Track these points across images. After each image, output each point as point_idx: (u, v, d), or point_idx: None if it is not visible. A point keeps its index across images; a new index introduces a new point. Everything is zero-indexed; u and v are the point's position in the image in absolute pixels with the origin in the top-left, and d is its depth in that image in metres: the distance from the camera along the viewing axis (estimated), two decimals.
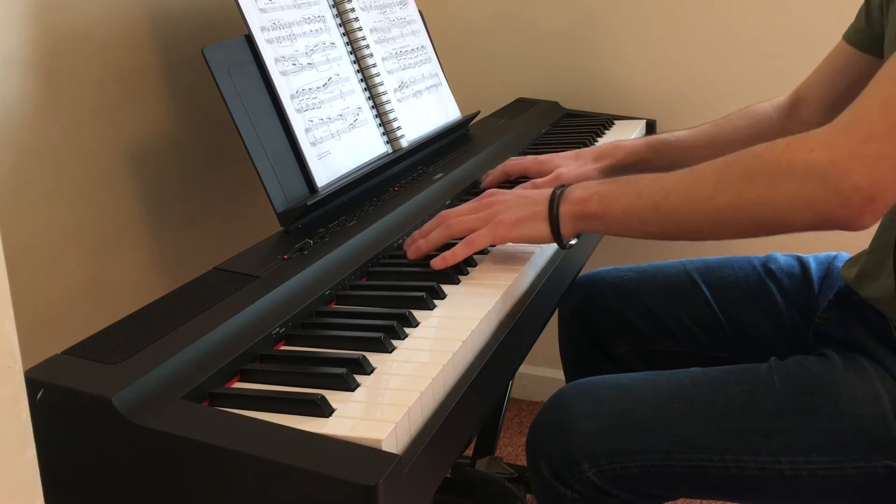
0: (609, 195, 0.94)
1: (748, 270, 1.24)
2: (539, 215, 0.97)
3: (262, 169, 1.07)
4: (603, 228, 0.97)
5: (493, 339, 0.88)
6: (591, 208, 0.94)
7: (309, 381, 0.75)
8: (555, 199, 0.96)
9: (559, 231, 0.96)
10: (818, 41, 1.30)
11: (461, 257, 0.98)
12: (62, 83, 1.11)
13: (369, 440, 0.65)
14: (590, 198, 0.95)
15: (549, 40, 1.87)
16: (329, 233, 1.04)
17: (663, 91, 1.81)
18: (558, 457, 0.98)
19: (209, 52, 1.06)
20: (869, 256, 1.02)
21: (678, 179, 0.90)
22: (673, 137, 1.27)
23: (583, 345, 1.33)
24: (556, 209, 0.96)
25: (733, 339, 1.22)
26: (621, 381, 1.02)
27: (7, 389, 0.48)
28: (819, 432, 0.92)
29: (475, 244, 0.98)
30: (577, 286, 1.31)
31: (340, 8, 1.30)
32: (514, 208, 0.98)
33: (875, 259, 1.00)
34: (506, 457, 1.93)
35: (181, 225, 1.33)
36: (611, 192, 0.94)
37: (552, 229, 0.96)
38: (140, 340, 0.76)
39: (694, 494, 1.03)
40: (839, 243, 1.18)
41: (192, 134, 1.34)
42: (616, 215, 0.93)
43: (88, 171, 1.16)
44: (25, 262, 1.07)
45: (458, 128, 1.51)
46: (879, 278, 0.99)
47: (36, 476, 0.51)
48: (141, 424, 0.66)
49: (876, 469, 0.91)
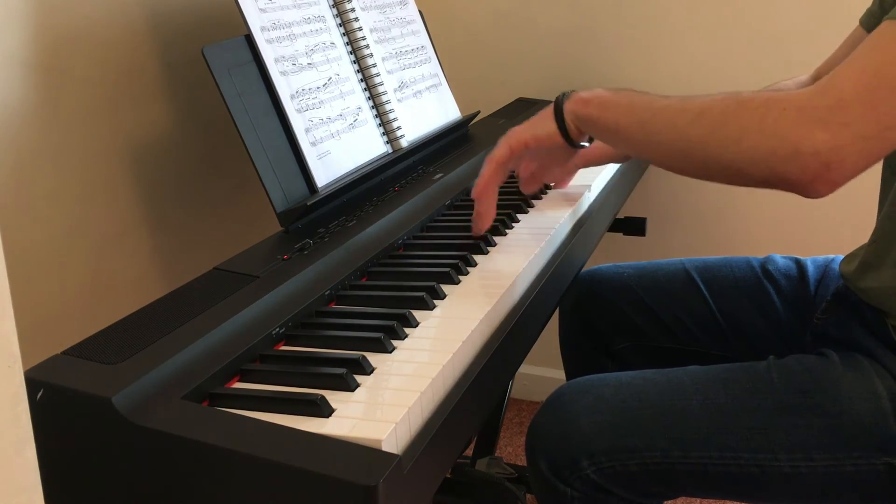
0: (607, 103, 0.97)
1: (746, 271, 1.24)
2: (547, 116, 1.03)
3: (262, 169, 1.07)
4: (596, 133, 1.01)
5: (494, 338, 0.88)
6: (589, 110, 0.99)
7: (309, 381, 0.75)
8: (561, 97, 1.02)
9: (565, 126, 1.01)
10: (819, 38, 1.30)
11: (487, 178, 1.06)
12: (62, 83, 1.11)
13: (369, 440, 0.65)
14: (590, 100, 0.99)
15: (549, 40, 1.87)
16: (329, 233, 1.04)
17: (663, 91, 1.80)
18: (558, 455, 0.98)
19: (209, 52, 1.06)
20: (870, 248, 1.02)
21: (668, 104, 0.92)
22: None
23: (583, 341, 1.33)
24: (560, 106, 1.02)
25: (731, 337, 1.22)
26: (621, 379, 1.02)
27: (7, 389, 0.48)
28: (818, 430, 0.93)
29: (495, 157, 1.06)
30: (578, 282, 1.31)
31: (340, 8, 1.30)
32: (529, 120, 1.07)
33: (877, 250, 1.00)
34: (506, 457, 1.93)
35: (181, 225, 1.33)
36: (610, 100, 0.97)
37: (558, 125, 1.02)
38: (140, 340, 0.76)
39: (693, 492, 1.03)
40: (838, 244, 1.18)
41: (192, 134, 1.34)
42: (607, 123, 0.97)
43: (88, 172, 1.16)
44: (25, 262, 1.07)
45: (458, 128, 1.52)
46: (882, 268, 0.99)
47: (36, 476, 0.51)
48: (141, 424, 0.66)
49: (875, 466, 0.91)
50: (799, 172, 0.80)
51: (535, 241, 1.07)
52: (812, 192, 0.81)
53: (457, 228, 1.14)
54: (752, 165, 0.83)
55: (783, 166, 0.81)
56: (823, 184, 0.80)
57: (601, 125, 0.97)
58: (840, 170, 0.79)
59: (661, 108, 0.91)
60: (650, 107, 0.93)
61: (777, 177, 0.82)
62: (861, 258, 1.03)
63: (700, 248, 1.43)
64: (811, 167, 0.79)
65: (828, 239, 1.19)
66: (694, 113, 0.88)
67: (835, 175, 0.79)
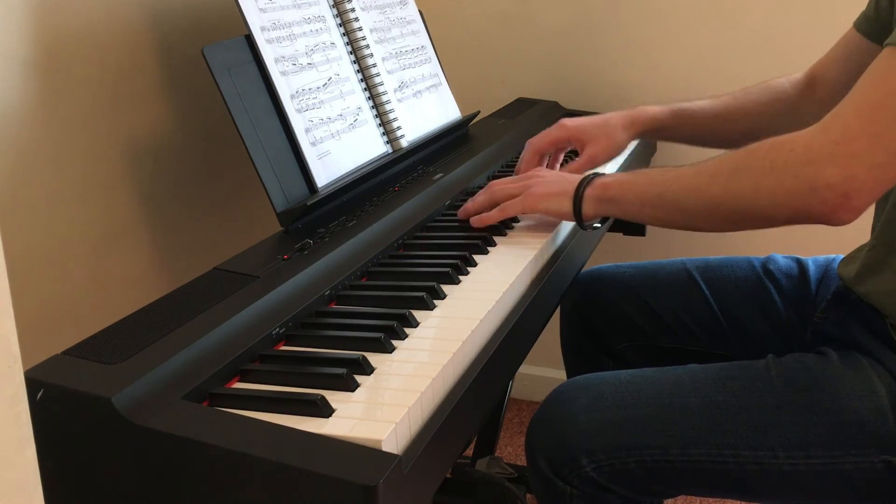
0: (626, 183, 1.02)
1: (747, 270, 1.24)
2: (566, 194, 1.06)
3: (262, 169, 1.07)
4: (618, 212, 1.05)
5: (494, 338, 0.88)
6: (610, 193, 1.03)
7: (309, 381, 0.75)
8: (584, 182, 1.05)
9: (581, 211, 1.05)
10: (818, 39, 1.30)
11: (495, 220, 1.10)
12: (62, 83, 1.11)
13: (369, 440, 0.65)
14: (611, 184, 1.03)
15: (549, 40, 1.87)
16: (329, 233, 1.04)
17: (663, 91, 1.81)
18: (557, 453, 0.98)
19: (209, 52, 1.06)
20: (871, 252, 1.02)
21: (684, 171, 0.97)
22: (696, 107, 1.29)
23: (583, 341, 1.33)
24: (582, 191, 1.05)
25: (731, 337, 1.22)
26: (620, 378, 1.02)
27: (7, 389, 0.48)
28: (817, 427, 0.93)
29: (507, 211, 1.09)
30: (579, 282, 1.32)
31: (340, 8, 1.30)
32: (549, 184, 1.09)
33: (877, 255, 1.01)
34: (506, 457, 1.93)
35: (181, 225, 1.33)
36: (629, 180, 1.03)
37: (574, 208, 1.05)
38: (140, 340, 0.76)
39: (693, 490, 1.04)
40: (839, 244, 1.18)
41: (191, 134, 1.34)
42: (629, 200, 1.01)
43: (88, 172, 1.16)
44: (25, 262, 1.07)
45: (458, 128, 1.51)
46: (883, 273, 0.99)
47: (36, 476, 0.51)
48: (141, 424, 0.66)
49: (874, 464, 0.91)
50: (819, 206, 0.84)
51: (536, 241, 1.07)
52: (837, 221, 0.85)
53: (457, 228, 1.14)
54: (775, 209, 0.88)
55: (803, 203, 0.85)
56: (846, 212, 0.84)
57: (624, 203, 1.02)
58: (859, 197, 0.83)
59: (676, 176, 0.97)
60: (665, 177, 0.98)
61: (800, 214, 0.86)
62: (861, 262, 1.03)
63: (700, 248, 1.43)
64: (829, 200, 0.83)
65: (828, 239, 1.18)
66: (708, 174, 0.93)
67: (855, 202, 0.83)
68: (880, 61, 0.85)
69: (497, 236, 1.10)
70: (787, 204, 0.86)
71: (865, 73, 0.86)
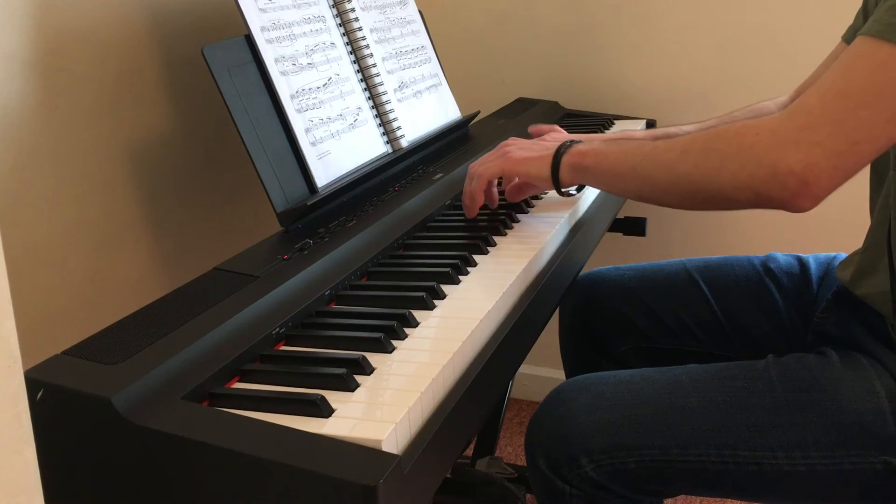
0: (602, 153, 1.04)
1: (748, 270, 1.24)
2: (545, 158, 1.07)
3: (262, 169, 1.07)
4: (592, 181, 1.07)
5: (494, 339, 0.88)
6: (586, 161, 1.04)
7: (309, 381, 0.75)
8: (562, 148, 1.07)
9: (558, 176, 1.06)
10: (818, 40, 1.30)
11: (479, 191, 1.12)
12: (62, 83, 1.11)
13: (369, 440, 0.65)
14: (588, 152, 1.05)
15: (549, 40, 1.87)
16: (329, 233, 1.04)
17: (663, 91, 1.81)
18: (556, 452, 0.98)
19: (209, 52, 1.06)
20: (864, 255, 1.02)
21: (656, 147, 0.97)
22: (681, 132, 1.28)
23: (583, 344, 1.33)
24: (559, 156, 1.06)
25: (733, 337, 1.22)
26: (619, 377, 1.02)
27: (7, 389, 0.48)
28: (816, 428, 0.93)
29: (485, 175, 1.11)
30: (578, 285, 1.31)
31: (340, 8, 1.30)
32: (527, 149, 1.11)
33: (870, 257, 1.01)
34: (506, 457, 1.93)
35: (181, 225, 1.33)
36: (604, 150, 1.04)
37: (552, 173, 1.06)
38: (140, 340, 0.76)
39: (692, 490, 1.04)
40: (839, 244, 1.18)
41: (192, 134, 1.34)
42: (603, 171, 1.03)
43: (88, 171, 1.16)
44: (25, 262, 1.07)
45: (458, 128, 1.52)
46: (876, 274, 0.99)
47: (36, 476, 0.51)
48: (141, 424, 0.66)
49: (873, 465, 0.92)
50: (779, 191, 0.84)
51: (536, 241, 1.07)
52: (796, 207, 0.85)
53: (457, 228, 1.14)
54: (737, 191, 0.88)
55: (764, 188, 0.85)
56: (805, 199, 0.84)
57: (597, 173, 1.04)
58: (818, 185, 0.83)
59: (648, 151, 0.98)
60: (639, 151, 0.99)
61: (761, 198, 0.86)
62: (856, 264, 1.03)
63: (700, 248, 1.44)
64: (790, 185, 0.83)
65: (828, 238, 1.19)
66: (678, 151, 0.94)
67: (815, 190, 0.83)
68: (850, 49, 0.85)
69: (497, 236, 1.10)
70: (749, 186, 0.86)
71: (836, 61, 0.86)
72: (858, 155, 0.82)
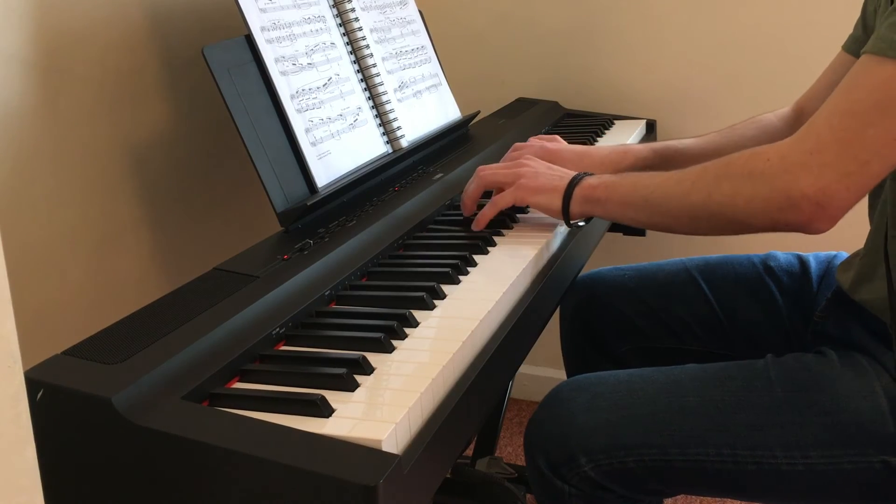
0: (613, 185, 1.03)
1: (748, 268, 1.24)
2: (558, 190, 1.07)
3: (262, 169, 1.07)
4: (603, 213, 1.06)
5: (494, 339, 0.88)
6: (597, 194, 1.04)
7: (309, 381, 0.75)
8: (574, 181, 1.06)
9: (568, 209, 1.06)
10: (818, 42, 1.30)
11: (490, 216, 1.10)
12: (62, 83, 1.11)
13: (369, 440, 0.65)
14: (599, 185, 1.04)
15: (549, 40, 1.87)
16: (329, 233, 1.04)
17: (663, 91, 1.81)
18: (556, 452, 0.98)
19: (209, 52, 1.06)
20: (863, 260, 1.02)
21: (668, 177, 0.98)
22: (681, 145, 1.28)
23: (584, 344, 1.33)
24: (571, 189, 1.06)
25: (733, 337, 1.22)
26: (618, 377, 1.03)
27: (7, 389, 0.48)
28: (815, 427, 0.93)
29: (499, 204, 1.10)
30: (578, 285, 1.31)
31: (340, 8, 1.30)
32: (540, 177, 1.09)
33: (869, 262, 1.01)
34: (506, 457, 1.93)
35: (181, 225, 1.33)
36: (615, 182, 1.04)
37: (563, 206, 1.06)
38: (140, 340, 0.76)
39: (691, 490, 1.04)
40: (839, 242, 1.18)
41: (192, 134, 1.34)
42: (615, 202, 1.03)
43: (88, 172, 1.16)
44: (25, 262, 1.07)
45: (458, 128, 1.51)
46: (874, 281, 1.00)
47: (36, 476, 0.51)
48: (141, 424, 0.66)
49: (872, 464, 0.91)
50: (796, 216, 0.86)
51: (536, 241, 1.07)
52: (813, 230, 0.87)
53: (457, 228, 1.14)
54: (753, 217, 0.90)
55: (780, 213, 0.87)
56: (821, 221, 0.85)
57: (609, 205, 1.03)
58: (833, 206, 0.84)
59: (660, 182, 0.98)
60: (651, 182, 1.00)
61: (778, 223, 0.88)
62: (855, 270, 1.03)
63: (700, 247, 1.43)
64: (805, 210, 0.85)
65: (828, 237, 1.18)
66: (690, 181, 0.95)
67: (830, 211, 0.84)
68: (855, 69, 0.86)
69: (497, 236, 1.10)
70: (765, 212, 0.88)
71: (841, 81, 0.87)
72: (869, 174, 0.83)
